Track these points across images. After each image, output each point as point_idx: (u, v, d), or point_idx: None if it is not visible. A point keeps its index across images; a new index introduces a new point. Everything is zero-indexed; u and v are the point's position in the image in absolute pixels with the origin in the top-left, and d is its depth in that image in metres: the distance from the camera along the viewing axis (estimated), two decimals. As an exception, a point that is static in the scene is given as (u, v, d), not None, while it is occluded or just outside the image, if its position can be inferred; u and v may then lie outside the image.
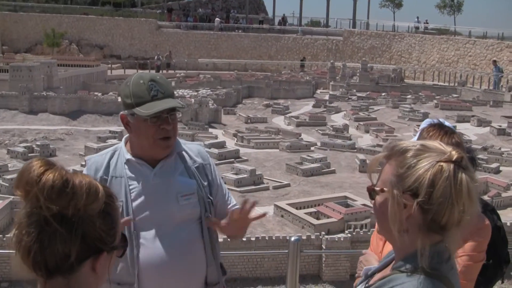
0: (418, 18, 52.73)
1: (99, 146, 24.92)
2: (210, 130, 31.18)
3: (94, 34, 50.55)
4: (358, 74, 42.89)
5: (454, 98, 37.89)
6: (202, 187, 2.91)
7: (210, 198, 2.94)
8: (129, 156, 2.85)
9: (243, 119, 33.52)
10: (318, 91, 41.51)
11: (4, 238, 16.73)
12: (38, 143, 26.85)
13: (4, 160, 24.65)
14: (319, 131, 30.81)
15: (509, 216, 19.40)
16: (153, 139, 2.76)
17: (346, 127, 30.98)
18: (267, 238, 17.62)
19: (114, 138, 27.53)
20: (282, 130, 31.03)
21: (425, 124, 3.16)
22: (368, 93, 39.65)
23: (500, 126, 29.96)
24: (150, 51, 49.21)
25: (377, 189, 1.80)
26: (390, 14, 76.73)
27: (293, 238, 4.50)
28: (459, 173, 1.68)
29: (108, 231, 1.58)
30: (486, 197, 19.63)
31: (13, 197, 19.15)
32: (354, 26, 55.10)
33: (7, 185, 20.75)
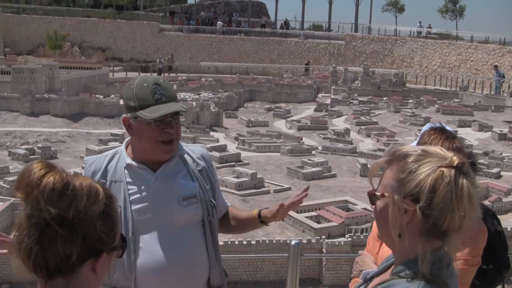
0: (420, 22, 52.73)
1: (100, 148, 24.91)
2: (212, 133, 31.17)
3: (96, 36, 50.60)
4: (359, 78, 42.86)
5: (455, 103, 37.89)
6: (204, 190, 2.89)
7: (213, 202, 2.92)
8: (129, 160, 2.83)
9: (245, 123, 33.52)
10: (320, 95, 41.49)
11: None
12: (39, 145, 26.84)
13: (5, 162, 24.68)
14: (321, 135, 30.80)
15: (509, 221, 19.40)
16: (155, 142, 2.74)
17: (347, 131, 30.96)
18: (268, 242, 17.63)
19: (116, 140, 27.52)
20: (284, 133, 31.02)
21: (426, 128, 3.16)
22: (369, 97, 39.62)
23: (501, 131, 29.95)
24: (152, 54, 49.22)
25: (377, 194, 1.79)
26: (392, 18, 76.92)
27: (293, 242, 4.49)
28: (460, 178, 1.68)
29: (107, 232, 1.58)
30: (487, 202, 19.64)
31: (14, 199, 19.17)
32: (356, 30, 55.09)
33: (8, 187, 20.77)
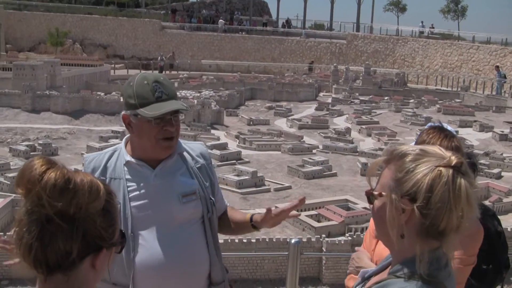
0: (422, 22, 52.66)
1: (101, 145, 24.92)
2: (212, 131, 31.17)
3: (98, 33, 50.59)
4: (361, 78, 42.83)
5: (456, 103, 37.86)
6: (204, 187, 2.89)
7: (212, 199, 2.92)
8: (129, 157, 2.82)
9: (246, 121, 33.51)
10: (321, 94, 41.47)
11: (5, 236, 16.76)
12: (40, 142, 26.89)
13: (6, 158, 24.70)
14: (321, 134, 30.79)
15: (510, 221, 19.38)
16: (155, 140, 2.73)
17: (348, 131, 30.94)
18: (268, 240, 17.63)
19: (116, 138, 27.52)
20: (284, 132, 31.02)
21: (427, 127, 3.16)
22: (370, 96, 39.60)
23: (502, 131, 29.93)
24: (153, 52, 49.21)
25: (375, 193, 1.79)
26: (394, 18, 76.87)
27: (293, 240, 4.49)
28: (458, 178, 1.67)
29: (107, 228, 1.58)
30: (487, 202, 19.63)
31: (14, 195, 19.18)
32: (357, 30, 55.03)
33: (9, 183, 20.79)
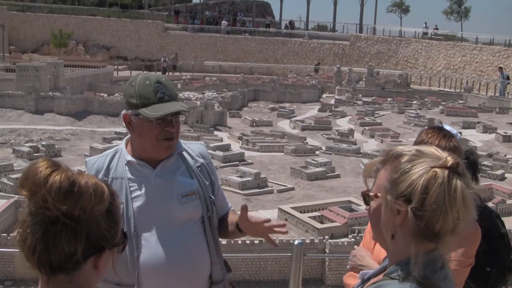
0: (426, 23, 52.59)
1: (104, 146, 24.93)
2: (215, 132, 31.18)
3: (101, 35, 50.69)
4: (364, 79, 42.84)
5: (460, 104, 37.79)
6: (204, 187, 2.90)
7: (212, 198, 2.93)
8: (129, 157, 2.84)
9: (249, 122, 33.51)
10: (324, 95, 41.47)
11: (8, 237, 16.77)
12: (43, 143, 26.92)
13: (9, 159, 24.74)
14: (324, 135, 30.78)
15: (513, 223, 19.33)
16: (156, 140, 2.75)
17: (351, 132, 30.92)
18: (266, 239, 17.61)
19: (120, 139, 27.50)
20: (287, 133, 31.02)
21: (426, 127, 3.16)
22: (374, 98, 39.59)
23: (505, 133, 29.88)
24: (156, 53, 49.29)
25: (371, 194, 1.77)
26: (397, 19, 76.92)
27: (296, 242, 4.48)
28: (454, 179, 1.65)
29: (110, 229, 1.59)
30: (490, 203, 19.59)
31: (17, 196, 19.20)
32: (360, 31, 55.03)
33: (12, 184, 20.82)
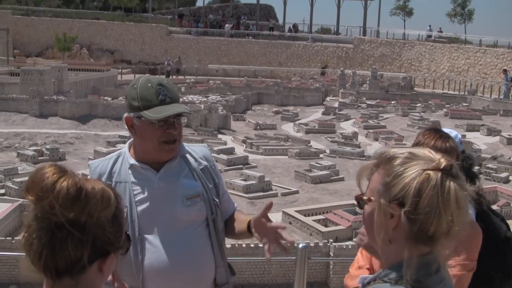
0: (430, 26, 52.46)
1: (108, 150, 24.94)
2: (219, 136, 31.20)
3: (105, 39, 50.79)
4: (368, 82, 42.81)
5: (464, 107, 37.76)
6: (207, 189, 2.89)
7: (216, 200, 2.92)
8: (133, 161, 2.83)
9: (252, 126, 33.53)
10: (328, 99, 41.49)
11: (13, 241, 16.79)
12: (47, 147, 26.98)
13: (14, 163, 24.79)
14: (328, 139, 30.77)
15: (518, 226, 19.28)
16: (158, 142, 2.74)
17: (355, 135, 30.91)
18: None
19: (124, 142, 27.49)
20: (291, 137, 31.02)
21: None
22: (377, 101, 39.58)
23: (510, 135, 29.82)
24: (160, 57, 49.35)
25: (365, 198, 1.76)
26: (400, 22, 76.82)
27: (301, 245, 4.47)
28: (447, 181, 1.63)
29: (115, 233, 1.59)
30: (495, 206, 19.56)
31: (22, 200, 19.24)
32: (364, 34, 54.95)
33: (17, 188, 20.85)
